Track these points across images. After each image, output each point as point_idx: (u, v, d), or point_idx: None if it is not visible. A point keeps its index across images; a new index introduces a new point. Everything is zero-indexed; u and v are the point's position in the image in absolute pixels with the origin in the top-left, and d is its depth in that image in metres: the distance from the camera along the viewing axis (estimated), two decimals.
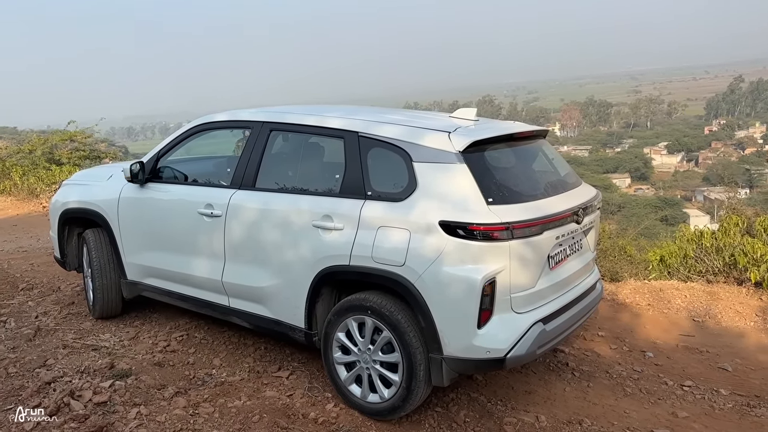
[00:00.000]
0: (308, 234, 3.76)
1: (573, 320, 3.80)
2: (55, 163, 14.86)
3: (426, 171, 3.49)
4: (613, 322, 5.40)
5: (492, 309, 3.33)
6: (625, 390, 4.22)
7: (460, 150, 3.46)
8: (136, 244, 4.77)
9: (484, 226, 3.27)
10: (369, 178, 3.67)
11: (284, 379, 4.16)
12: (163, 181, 4.67)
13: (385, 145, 3.67)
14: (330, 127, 3.91)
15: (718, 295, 6.00)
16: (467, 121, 3.93)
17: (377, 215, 3.55)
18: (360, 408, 3.73)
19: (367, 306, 3.57)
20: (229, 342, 4.78)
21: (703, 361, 4.74)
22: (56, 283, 6.21)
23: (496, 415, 3.79)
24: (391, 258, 3.44)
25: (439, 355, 3.40)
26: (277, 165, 4.24)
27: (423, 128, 3.67)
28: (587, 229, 3.99)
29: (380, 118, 3.89)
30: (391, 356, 3.55)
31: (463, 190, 3.40)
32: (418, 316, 3.41)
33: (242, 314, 4.23)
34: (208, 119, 4.53)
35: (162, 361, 4.44)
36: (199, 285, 4.43)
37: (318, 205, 3.77)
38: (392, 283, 3.47)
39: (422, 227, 3.38)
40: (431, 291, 3.34)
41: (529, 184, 3.81)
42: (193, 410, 3.71)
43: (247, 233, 4.06)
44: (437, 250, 3.32)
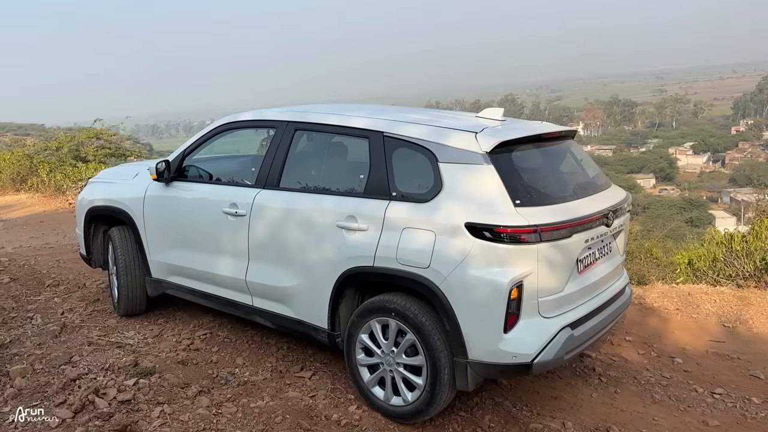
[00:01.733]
0: (332, 234, 3.73)
1: (601, 325, 3.72)
2: (81, 161, 15.06)
3: (452, 172, 3.44)
4: (641, 327, 5.30)
5: (519, 313, 3.27)
6: (654, 397, 4.13)
7: (487, 150, 3.40)
8: (160, 242, 4.79)
9: (511, 229, 3.21)
10: (394, 179, 3.63)
11: (307, 380, 4.15)
12: (188, 179, 4.69)
13: (410, 145, 3.63)
14: (355, 127, 3.88)
15: (749, 300, 5.85)
16: (494, 121, 3.87)
17: (402, 216, 3.51)
18: (383, 411, 3.69)
19: (391, 308, 3.53)
20: (251, 341, 4.78)
21: (734, 368, 4.62)
22: (82, 280, 6.27)
23: (522, 420, 3.73)
24: (415, 260, 3.40)
25: (464, 359, 3.35)
26: (301, 164, 4.22)
27: (449, 128, 3.62)
28: (617, 232, 3.91)
29: (405, 118, 3.85)
30: (415, 359, 3.51)
31: (489, 192, 3.34)
32: (443, 319, 3.37)
33: (265, 314, 4.22)
34: (234, 118, 4.53)
35: (186, 359, 4.45)
36: (222, 284, 4.43)
37: (342, 206, 3.74)
38: (417, 285, 3.42)
39: (448, 229, 3.33)
40: (456, 294, 3.29)
41: (557, 185, 3.74)
42: (216, 410, 3.71)
43: (270, 233, 4.05)
44: (463, 252, 3.27)
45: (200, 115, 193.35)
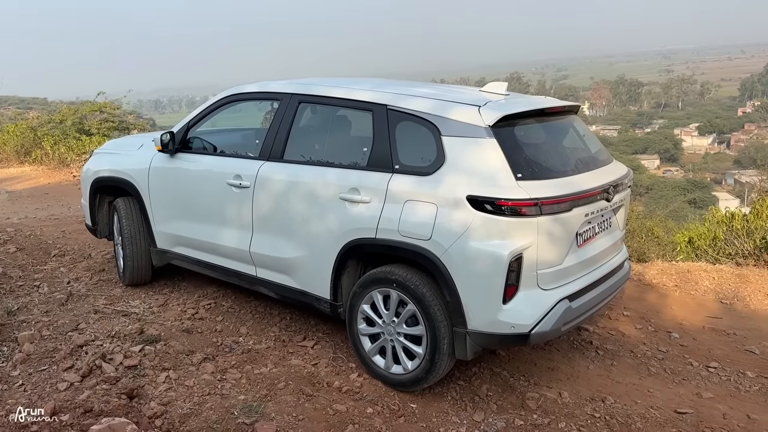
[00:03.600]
0: (335, 206, 3.78)
1: (599, 299, 3.78)
2: (85, 134, 15.07)
3: (455, 145, 3.48)
4: (639, 302, 5.36)
5: (518, 285, 3.33)
6: (650, 369, 4.20)
7: (489, 124, 3.43)
8: (165, 213, 4.84)
9: (512, 202, 3.26)
10: (397, 152, 3.66)
11: (309, 349, 4.23)
12: (192, 151, 4.72)
13: (413, 118, 3.65)
14: (359, 100, 3.90)
15: (748, 278, 5.91)
16: (497, 96, 3.89)
17: (404, 189, 3.55)
18: (383, 379, 3.78)
19: (393, 279, 3.59)
20: (255, 311, 4.86)
21: (730, 343, 4.69)
22: (87, 251, 6.34)
23: (519, 390, 3.81)
24: (417, 232, 3.45)
25: (463, 329, 3.42)
26: (305, 137, 4.25)
27: (452, 102, 3.64)
28: (617, 208, 3.95)
29: (409, 91, 3.87)
30: (415, 329, 3.58)
31: (492, 165, 3.38)
32: (444, 290, 3.43)
33: (269, 284, 4.28)
34: (238, 90, 4.55)
35: (190, 328, 4.53)
36: (227, 254, 4.49)
37: (345, 178, 3.78)
38: (418, 256, 3.48)
39: (449, 202, 3.38)
40: (457, 265, 3.35)
41: (559, 160, 3.77)
42: (221, 375, 3.79)
43: (274, 204, 4.10)
44: (464, 224, 3.32)
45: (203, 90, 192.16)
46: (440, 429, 3.41)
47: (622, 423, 3.47)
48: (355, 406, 3.53)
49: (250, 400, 3.49)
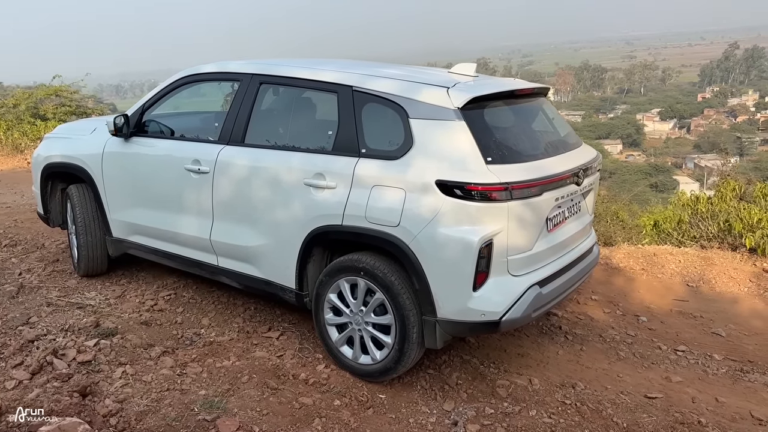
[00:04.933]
0: (299, 192, 3.64)
1: (569, 284, 3.73)
2: (40, 118, 14.52)
3: (423, 128, 3.36)
4: (607, 287, 5.36)
5: (488, 271, 3.25)
6: (619, 354, 4.18)
7: (458, 106, 3.32)
8: (121, 201, 4.63)
9: (482, 186, 3.16)
10: (363, 135, 3.53)
11: (274, 340, 4.09)
12: (148, 135, 4.51)
13: (380, 100, 3.52)
14: (323, 81, 3.74)
15: (713, 261, 5.96)
16: (466, 77, 3.78)
17: (371, 174, 3.42)
18: (351, 369, 3.67)
19: (360, 267, 3.47)
20: (218, 302, 4.69)
21: (697, 326, 4.71)
22: (40, 240, 6.07)
23: (489, 377, 3.75)
24: (385, 218, 3.33)
25: (432, 317, 3.32)
26: (267, 120, 4.09)
27: (420, 83, 3.52)
28: (586, 192, 3.89)
29: (376, 72, 3.74)
30: (383, 318, 3.47)
31: (461, 149, 3.27)
32: (413, 277, 3.33)
33: (231, 274, 4.12)
34: (195, 71, 4.34)
35: (149, 320, 4.34)
36: (186, 243, 4.31)
37: (310, 163, 3.64)
38: (386, 243, 3.37)
39: (418, 186, 3.27)
40: (426, 252, 3.24)
41: (529, 143, 3.69)
42: (181, 370, 3.64)
43: (235, 191, 3.93)
44: (433, 210, 3.22)
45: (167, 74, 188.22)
46: (410, 419, 3.32)
47: (593, 410, 3.43)
48: (322, 399, 3.42)
49: (211, 395, 3.35)
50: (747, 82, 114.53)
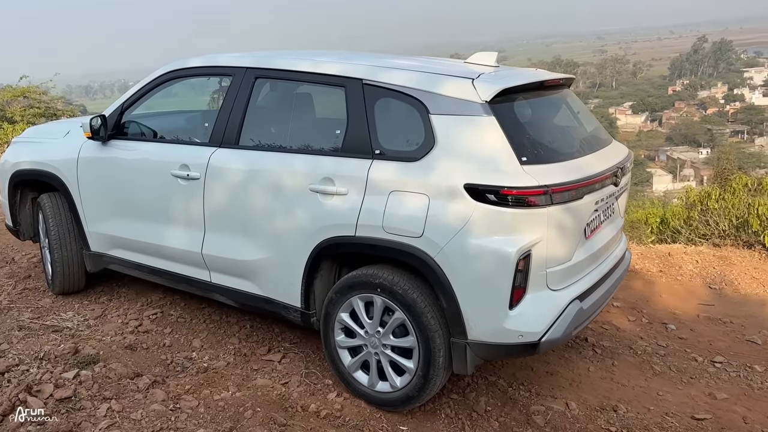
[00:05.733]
0: (305, 199, 3.22)
1: (606, 296, 3.38)
2: (7, 121, 13.79)
3: (446, 125, 2.97)
4: (627, 291, 5.03)
5: (526, 286, 2.87)
6: (654, 368, 3.85)
7: (486, 100, 2.93)
8: (99, 211, 4.15)
9: (518, 190, 2.78)
10: (377, 134, 3.12)
11: (276, 364, 3.67)
12: (129, 137, 4.04)
13: (395, 94, 3.12)
14: (328, 74, 3.33)
15: (730, 260, 5.68)
16: (487, 68, 3.40)
17: (388, 178, 3.02)
18: (367, 398, 3.27)
19: (376, 283, 3.07)
20: (209, 320, 4.25)
21: (729, 333, 4.40)
22: (10, 254, 5.54)
23: (521, 402, 3.37)
24: (406, 228, 2.94)
25: (462, 339, 2.94)
26: (264, 119, 3.66)
27: (441, 74, 3.12)
28: (620, 193, 3.54)
29: (387, 63, 3.33)
30: (404, 340, 3.07)
31: (491, 148, 2.89)
32: (439, 295, 2.93)
33: (227, 291, 3.69)
34: (181, 65, 3.88)
35: (134, 343, 3.89)
36: (174, 258, 3.86)
37: (316, 166, 3.22)
38: (407, 257, 2.97)
39: (443, 191, 2.87)
40: (455, 266, 2.85)
41: (563, 140, 3.32)
42: (174, 404, 3.19)
43: (230, 199, 3.50)
44: (462, 218, 2.83)
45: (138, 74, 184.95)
46: None
47: None
48: None
49: None
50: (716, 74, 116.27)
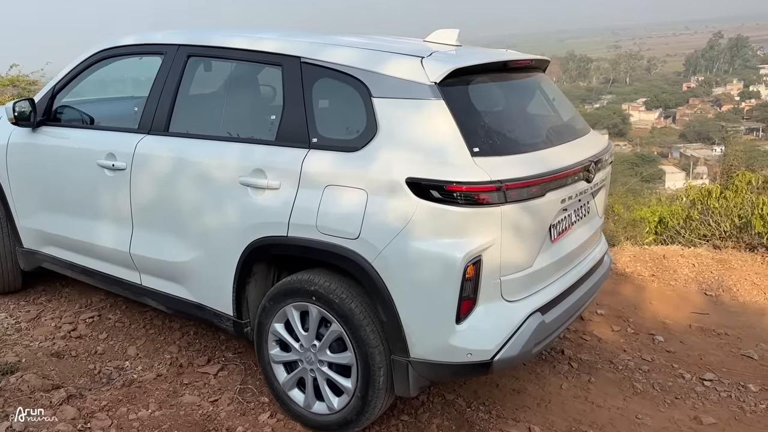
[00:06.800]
0: (234, 194, 2.84)
1: (577, 306, 2.97)
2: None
3: (390, 109, 2.57)
4: (614, 297, 4.61)
5: (476, 297, 2.48)
6: (635, 386, 3.44)
7: (436, 81, 2.53)
8: (30, 204, 3.80)
9: (467, 186, 2.39)
10: (314, 120, 2.74)
11: (211, 377, 3.30)
12: (61, 124, 3.68)
13: (335, 74, 2.73)
14: (264, 51, 2.94)
15: (730, 264, 5.24)
16: (446, 46, 3.00)
17: (324, 170, 2.63)
18: (303, 420, 2.88)
19: (311, 290, 2.68)
20: (150, 325, 3.88)
21: (723, 346, 3.97)
22: None
23: (478, 426, 2.97)
24: (341, 228, 2.55)
25: (404, 357, 2.55)
26: (196, 102, 3.29)
27: (387, 52, 2.73)
28: (596, 190, 3.13)
29: (331, 40, 2.94)
30: (342, 356, 2.69)
31: (439, 136, 2.49)
32: (377, 306, 2.55)
33: (158, 295, 3.32)
34: (111, 44, 3.50)
35: (63, 350, 3.55)
36: (104, 257, 3.50)
37: (247, 156, 2.84)
38: (343, 261, 2.58)
39: (383, 186, 2.48)
40: (394, 273, 2.47)
41: (526, 129, 2.91)
42: (84, 423, 2.84)
43: (157, 192, 3.13)
44: (403, 217, 2.44)
45: None
46: None
47: None
48: None
49: None
50: (731, 71, 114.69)
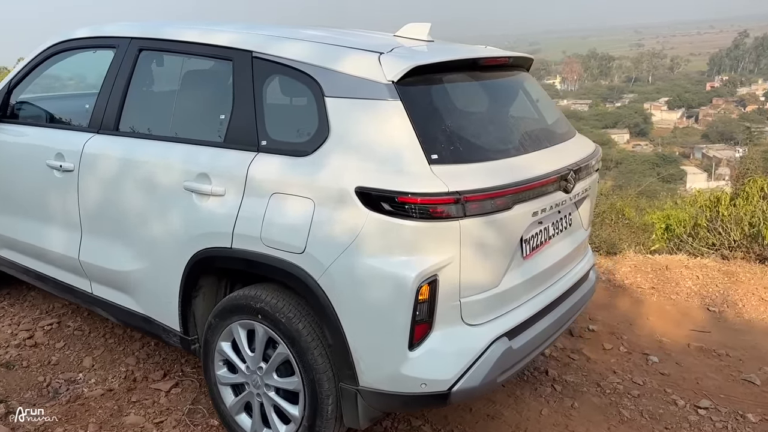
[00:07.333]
0: (178, 200, 2.62)
1: (555, 327, 2.71)
2: None
3: (343, 110, 2.33)
4: (609, 312, 4.32)
5: (432, 321, 2.23)
6: (621, 414, 3.16)
7: (393, 80, 2.28)
8: None
9: (422, 198, 2.13)
10: (264, 121, 2.50)
11: (162, 395, 3.08)
12: (17, 121, 3.49)
13: (287, 70, 2.49)
14: (216, 45, 2.71)
15: (737, 277, 4.92)
16: (417, 42, 2.76)
17: (271, 176, 2.40)
18: None
19: (258, 307, 2.45)
20: (111, 334, 3.69)
21: (723, 368, 3.67)
22: None
23: None
24: (286, 241, 2.32)
25: (352, 385, 2.31)
26: (146, 100, 3.07)
27: (344, 47, 2.48)
28: (580, 200, 2.86)
29: (288, 33, 2.70)
30: (289, 381, 2.46)
31: (394, 141, 2.24)
32: (324, 327, 2.31)
33: (107, 306, 3.11)
34: (65, 36, 3.30)
35: (14, 359, 3.37)
36: (56, 263, 3.30)
37: (193, 159, 2.62)
38: (288, 278, 2.35)
39: (332, 196, 2.24)
40: (341, 293, 2.23)
41: (498, 134, 2.64)
42: None
43: (104, 195, 2.92)
44: (352, 231, 2.19)
45: None
46: None
47: None
48: None
49: None
50: (756, 71, 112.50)
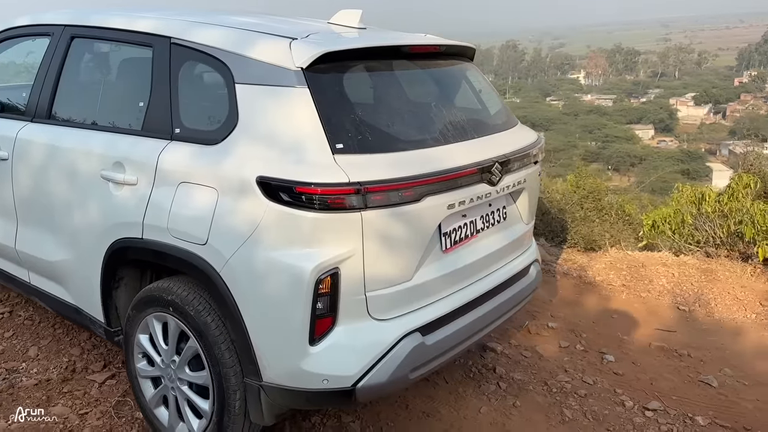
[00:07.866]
0: (96, 189, 2.59)
1: (483, 322, 2.63)
2: None
3: (252, 98, 2.27)
4: (573, 309, 4.21)
5: (335, 315, 2.16)
6: (564, 414, 3.06)
7: (302, 66, 2.22)
8: None
9: (321, 188, 2.07)
10: (179, 109, 2.46)
11: (95, 386, 3.06)
12: None
13: (201, 56, 2.45)
14: (137, 31, 2.67)
15: (716, 275, 4.76)
16: (348, 29, 2.69)
17: (179, 165, 2.36)
18: None
19: (169, 300, 2.42)
20: (61, 324, 3.68)
21: (681, 369, 3.55)
22: None
23: None
24: (190, 231, 2.27)
25: (255, 381, 2.26)
26: (76, 87, 3.06)
27: (257, 32, 2.42)
28: (516, 192, 2.76)
29: (210, 20, 2.64)
30: (199, 375, 2.42)
31: (298, 130, 2.18)
32: (226, 321, 2.26)
33: (43, 296, 3.11)
34: (7, 25, 3.30)
35: None
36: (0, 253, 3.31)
37: (110, 147, 2.59)
38: (192, 270, 2.31)
39: (234, 186, 2.19)
40: (242, 285, 2.18)
41: (415, 124, 2.56)
42: None
43: (34, 184, 2.91)
44: (252, 222, 2.14)
45: None
46: None
47: None
48: None
49: None
50: None
